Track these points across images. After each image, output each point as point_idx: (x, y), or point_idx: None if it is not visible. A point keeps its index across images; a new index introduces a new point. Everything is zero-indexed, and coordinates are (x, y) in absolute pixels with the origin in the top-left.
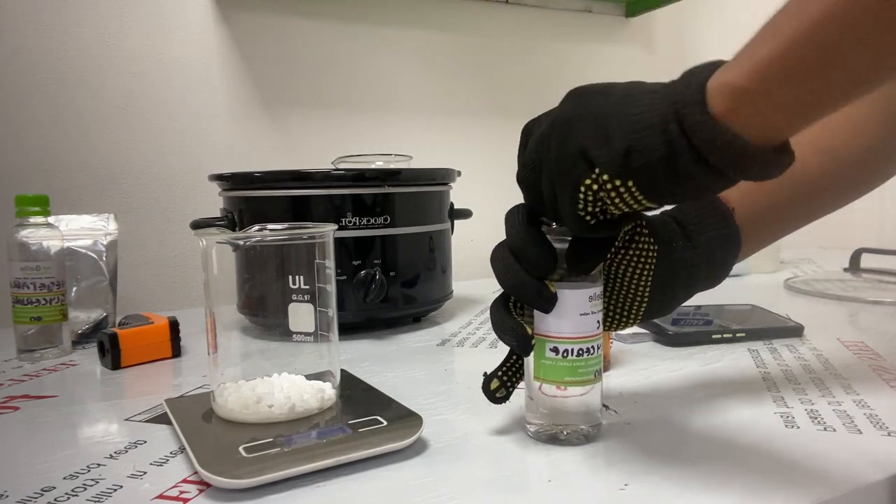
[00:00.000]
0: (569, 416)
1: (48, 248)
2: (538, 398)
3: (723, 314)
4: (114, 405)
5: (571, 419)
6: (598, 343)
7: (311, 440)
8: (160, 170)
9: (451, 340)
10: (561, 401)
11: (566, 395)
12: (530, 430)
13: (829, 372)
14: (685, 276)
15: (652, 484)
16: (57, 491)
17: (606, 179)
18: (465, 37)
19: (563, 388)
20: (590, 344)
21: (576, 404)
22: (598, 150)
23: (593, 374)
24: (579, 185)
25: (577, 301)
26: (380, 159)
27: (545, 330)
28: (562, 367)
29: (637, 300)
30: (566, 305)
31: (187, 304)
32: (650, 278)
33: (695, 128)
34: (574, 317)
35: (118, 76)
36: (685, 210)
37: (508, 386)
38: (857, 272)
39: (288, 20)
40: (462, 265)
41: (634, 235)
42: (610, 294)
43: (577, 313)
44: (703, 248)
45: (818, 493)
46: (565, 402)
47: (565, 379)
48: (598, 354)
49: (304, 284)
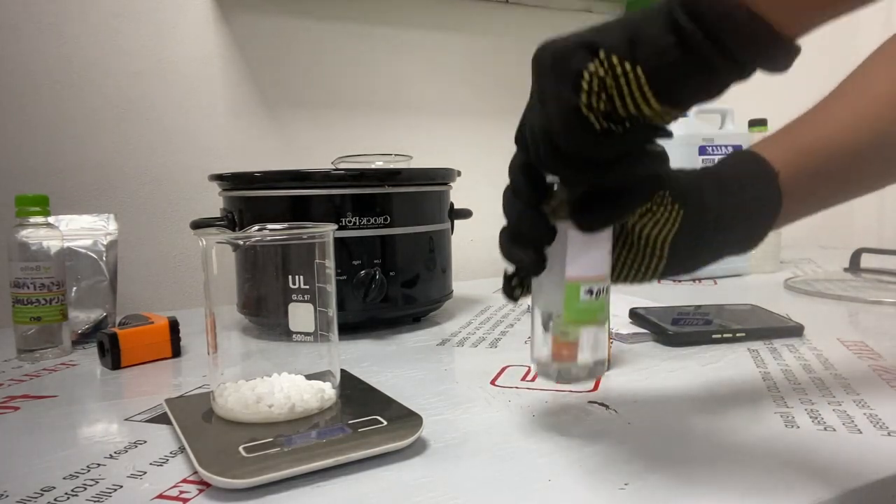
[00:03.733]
0: (580, 353)
1: (48, 248)
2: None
3: (723, 314)
4: (114, 405)
5: (581, 356)
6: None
7: (311, 440)
8: (160, 170)
9: (451, 340)
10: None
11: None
12: (543, 368)
13: (829, 372)
14: (714, 237)
15: (652, 484)
16: (57, 491)
17: (616, 62)
18: (466, 37)
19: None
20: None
21: (593, 337)
22: (601, 36)
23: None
24: (583, 70)
25: (606, 238)
26: (380, 159)
27: (581, 273)
28: (595, 308)
29: (656, 256)
30: (595, 243)
31: (187, 304)
32: (670, 239)
33: (710, 5)
34: (603, 255)
35: (118, 76)
36: (726, 168)
37: (524, 287)
38: (857, 272)
39: (288, 20)
40: (462, 265)
41: (653, 204)
42: (624, 246)
43: (604, 251)
44: (741, 210)
45: (818, 493)
46: (585, 337)
47: (598, 318)
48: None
49: (304, 284)
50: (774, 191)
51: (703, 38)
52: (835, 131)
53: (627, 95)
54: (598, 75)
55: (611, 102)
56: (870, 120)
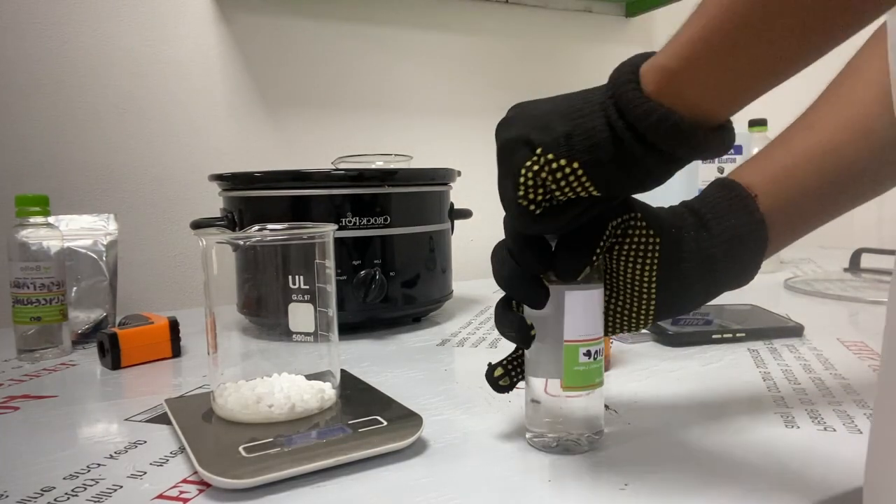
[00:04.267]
0: (577, 422)
1: (48, 248)
2: (550, 404)
3: (723, 314)
4: (114, 405)
5: (577, 425)
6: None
7: (311, 440)
8: (160, 170)
9: (451, 340)
10: (577, 402)
11: (588, 396)
12: (537, 438)
13: (829, 372)
14: (700, 269)
15: (652, 484)
16: (57, 491)
17: (551, 159)
18: (466, 37)
19: (588, 392)
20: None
21: (590, 405)
22: (539, 134)
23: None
24: (520, 167)
25: (599, 300)
26: (380, 159)
27: (578, 335)
28: (593, 370)
29: (644, 298)
30: (591, 305)
31: (187, 304)
32: (654, 274)
33: (628, 105)
34: (598, 316)
35: (118, 76)
36: (701, 199)
37: (513, 376)
38: (857, 272)
39: (288, 20)
40: (462, 265)
41: (628, 229)
42: (612, 293)
43: (599, 312)
44: (721, 238)
45: (818, 493)
46: (582, 404)
47: (596, 381)
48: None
49: (304, 284)
50: (756, 214)
51: (631, 136)
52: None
53: (566, 186)
54: (533, 170)
55: (549, 191)
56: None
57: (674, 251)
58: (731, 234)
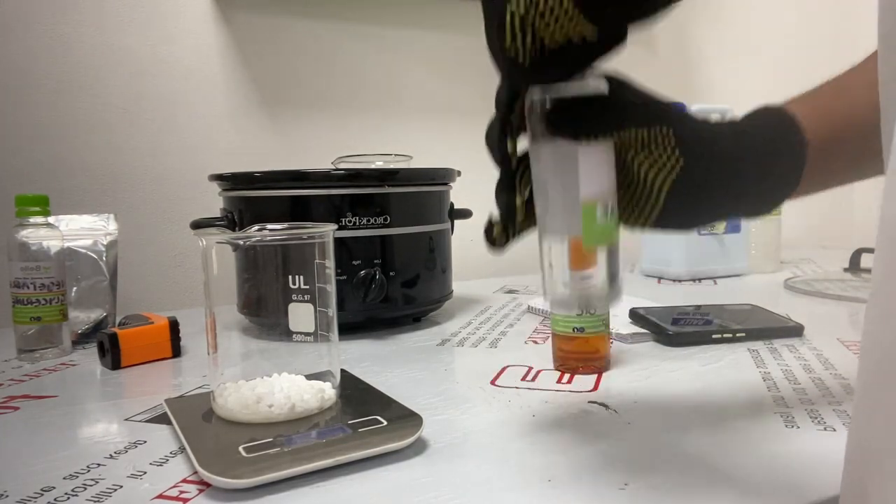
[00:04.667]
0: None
1: (48, 248)
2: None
3: (723, 314)
4: (114, 405)
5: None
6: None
7: (311, 440)
8: (160, 170)
9: (451, 340)
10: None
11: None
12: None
13: (829, 372)
14: (723, 189)
15: (652, 484)
16: (57, 491)
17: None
18: (465, 37)
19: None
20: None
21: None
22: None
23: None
24: (504, 11)
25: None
26: (380, 159)
27: (597, 191)
28: (611, 226)
29: (650, 203)
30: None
31: (187, 304)
32: (666, 184)
33: None
34: (612, 172)
35: (118, 76)
36: (747, 117)
37: (510, 233)
38: (857, 272)
39: (288, 20)
40: (462, 265)
41: (651, 143)
42: (622, 182)
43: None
44: (759, 161)
45: (818, 493)
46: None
47: (614, 239)
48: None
49: (304, 284)
50: (799, 147)
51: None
52: (858, 96)
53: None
54: (519, 13)
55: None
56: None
57: (699, 170)
58: (771, 162)
